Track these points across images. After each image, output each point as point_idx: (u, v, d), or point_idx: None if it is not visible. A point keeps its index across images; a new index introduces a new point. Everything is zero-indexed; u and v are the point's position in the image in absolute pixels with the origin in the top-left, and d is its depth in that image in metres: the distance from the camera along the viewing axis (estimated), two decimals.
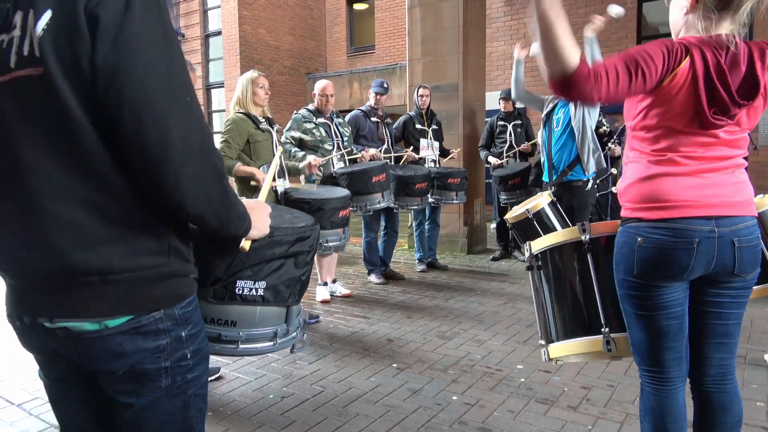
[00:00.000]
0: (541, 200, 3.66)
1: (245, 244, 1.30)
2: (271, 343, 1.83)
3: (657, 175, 1.55)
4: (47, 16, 0.91)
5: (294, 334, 1.91)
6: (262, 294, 1.73)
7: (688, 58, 1.46)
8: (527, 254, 2.08)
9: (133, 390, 1.09)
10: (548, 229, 3.56)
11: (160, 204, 1.02)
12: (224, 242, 1.34)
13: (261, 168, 3.54)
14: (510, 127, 6.15)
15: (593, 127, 4.10)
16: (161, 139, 0.93)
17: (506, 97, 6.20)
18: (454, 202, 5.43)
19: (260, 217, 1.26)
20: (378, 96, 5.14)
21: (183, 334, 1.11)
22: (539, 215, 3.59)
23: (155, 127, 0.92)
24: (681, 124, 1.50)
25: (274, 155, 3.64)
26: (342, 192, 3.73)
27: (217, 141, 3.58)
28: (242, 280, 1.69)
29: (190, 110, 0.98)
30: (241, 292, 1.70)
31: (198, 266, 1.63)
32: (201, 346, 1.17)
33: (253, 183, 3.45)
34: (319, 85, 4.44)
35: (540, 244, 2.02)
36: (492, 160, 6.13)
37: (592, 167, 4.11)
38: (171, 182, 0.96)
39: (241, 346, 1.77)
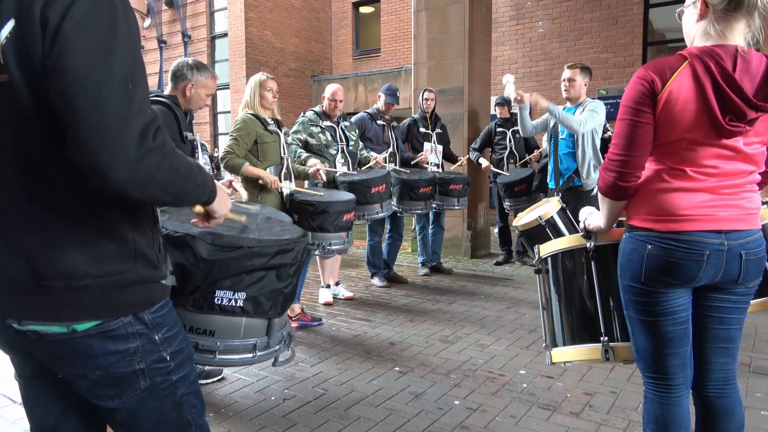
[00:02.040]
0: (551, 208, 3.65)
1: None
2: (251, 354, 1.80)
3: (671, 189, 1.54)
4: (10, 24, 0.93)
5: (276, 347, 1.87)
6: (241, 305, 1.70)
7: (684, 66, 1.47)
8: (536, 258, 2.08)
9: (114, 393, 1.10)
10: (559, 236, 3.54)
11: (107, 192, 0.98)
12: None
13: (268, 170, 3.55)
14: (509, 134, 6.12)
15: (597, 141, 4.07)
16: (94, 122, 0.91)
17: (501, 102, 6.16)
18: (456, 207, 5.42)
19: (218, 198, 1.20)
20: (389, 105, 5.15)
21: (156, 337, 1.12)
22: (550, 222, 3.58)
23: (88, 110, 0.91)
24: (699, 135, 1.49)
25: (282, 157, 3.65)
26: (347, 196, 3.73)
27: (226, 140, 3.61)
28: (221, 290, 1.66)
29: (132, 95, 0.95)
30: (220, 302, 1.67)
31: (176, 274, 1.61)
32: (181, 347, 1.19)
33: (261, 182, 3.47)
34: (330, 89, 4.44)
35: (547, 248, 2.03)
36: (483, 161, 6.11)
37: (591, 182, 4.10)
38: (110, 170, 0.93)
39: (218, 356, 1.74)
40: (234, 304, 1.70)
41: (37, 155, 0.98)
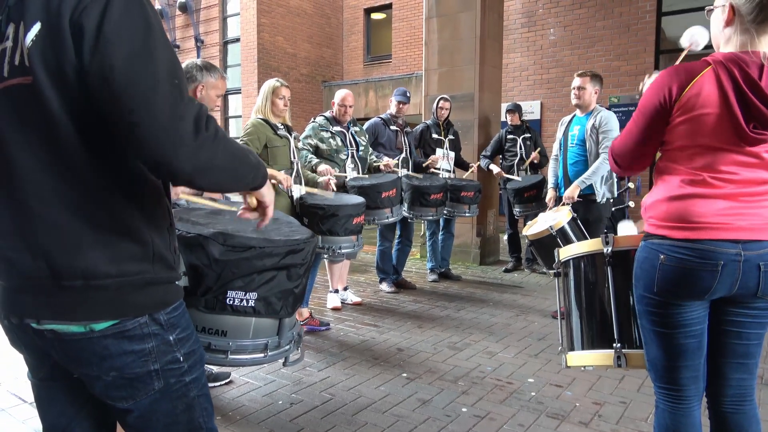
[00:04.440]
0: (562, 217, 3.63)
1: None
2: (262, 354, 1.82)
3: (688, 195, 1.51)
4: (36, 28, 0.95)
5: (287, 346, 1.89)
6: (253, 305, 1.72)
7: (706, 71, 1.44)
8: (556, 261, 2.08)
9: (128, 394, 1.11)
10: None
11: (176, 184, 1.04)
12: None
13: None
14: (520, 140, 6.12)
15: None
16: (154, 123, 0.93)
17: (512, 109, 6.16)
18: (467, 215, 5.40)
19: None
20: (400, 105, 5.15)
21: (171, 338, 1.13)
22: (561, 232, 3.57)
23: (143, 111, 0.93)
24: (719, 141, 1.46)
25: (291, 162, 3.66)
26: (357, 199, 3.73)
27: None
28: (233, 290, 1.68)
29: (180, 89, 0.97)
30: (232, 302, 1.69)
31: (189, 275, 1.62)
32: (194, 348, 1.20)
33: (273, 182, 3.48)
34: (340, 94, 4.46)
35: (567, 252, 2.04)
36: (494, 168, 6.10)
37: (604, 194, 4.08)
38: (174, 162, 0.96)
39: (230, 356, 1.76)
40: (246, 304, 1.71)
41: (58, 156, 1.00)
